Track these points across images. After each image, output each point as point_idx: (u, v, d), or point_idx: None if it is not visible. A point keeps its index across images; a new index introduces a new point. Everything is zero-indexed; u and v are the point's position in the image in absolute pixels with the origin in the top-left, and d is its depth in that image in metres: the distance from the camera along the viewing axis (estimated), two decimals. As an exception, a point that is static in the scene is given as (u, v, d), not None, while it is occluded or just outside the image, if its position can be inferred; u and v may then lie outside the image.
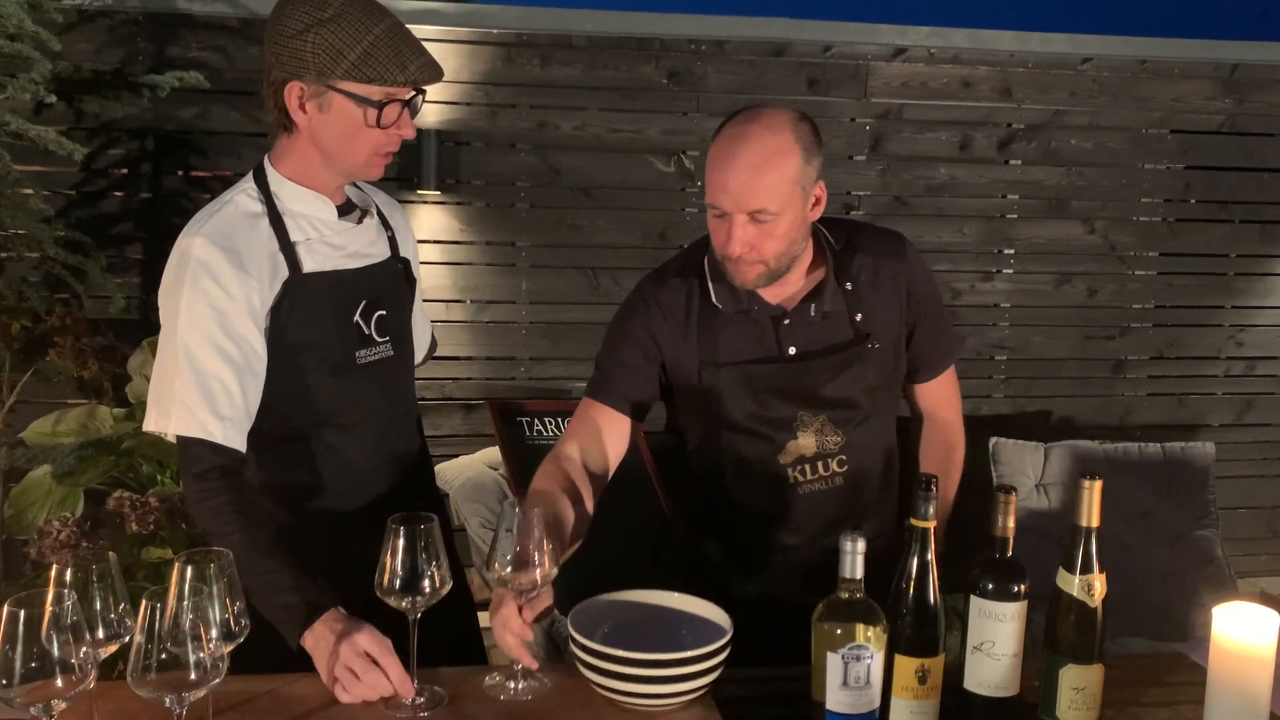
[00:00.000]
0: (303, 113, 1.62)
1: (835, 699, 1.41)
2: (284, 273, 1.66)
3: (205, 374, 1.59)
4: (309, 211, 1.70)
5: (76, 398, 3.28)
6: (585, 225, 3.66)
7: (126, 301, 3.37)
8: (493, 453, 3.40)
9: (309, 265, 1.68)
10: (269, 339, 1.65)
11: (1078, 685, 1.47)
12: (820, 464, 1.83)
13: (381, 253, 1.80)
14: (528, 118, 3.56)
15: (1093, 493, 1.46)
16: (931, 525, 1.45)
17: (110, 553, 1.19)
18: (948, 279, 3.85)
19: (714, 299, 1.80)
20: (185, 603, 1.17)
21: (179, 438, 1.61)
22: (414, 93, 1.65)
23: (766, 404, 1.80)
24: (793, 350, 1.80)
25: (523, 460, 3.32)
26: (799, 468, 1.82)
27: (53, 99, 2.69)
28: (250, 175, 1.72)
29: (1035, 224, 3.93)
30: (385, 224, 1.84)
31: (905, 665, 1.44)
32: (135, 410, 3.06)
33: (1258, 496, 4.20)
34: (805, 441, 1.81)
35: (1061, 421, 4.02)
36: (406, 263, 1.86)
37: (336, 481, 1.75)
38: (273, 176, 1.70)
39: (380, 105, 1.60)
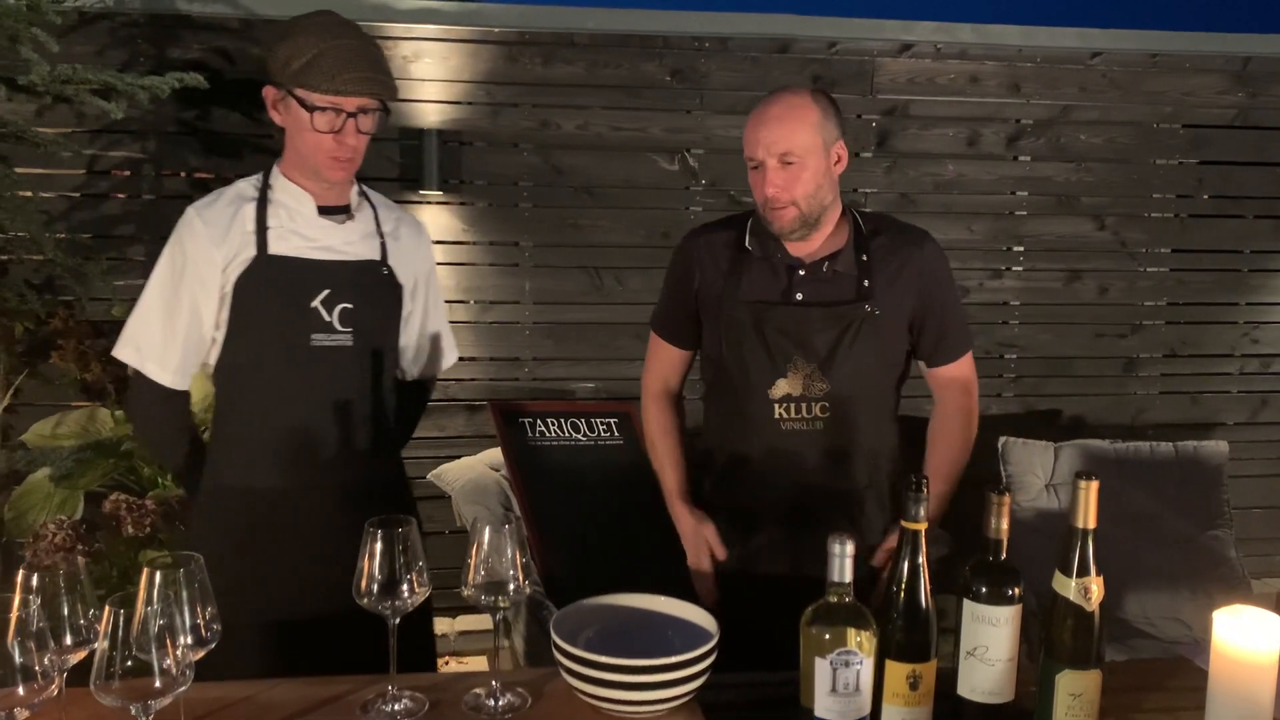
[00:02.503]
0: (276, 113, 1.87)
1: (824, 705, 1.37)
2: (252, 251, 1.86)
3: (157, 317, 1.88)
4: (291, 204, 1.90)
5: (79, 400, 3.28)
6: (588, 225, 3.64)
7: (129, 305, 3.37)
8: (495, 454, 3.38)
9: (275, 248, 1.87)
10: (233, 305, 1.86)
11: (1075, 691, 1.43)
12: (804, 406, 2.00)
13: (361, 253, 1.95)
14: (530, 117, 3.54)
15: (1089, 493, 1.42)
16: (922, 527, 1.41)
17: (80, 558, 1.17)
18: (956, 276, 3.77)
19: (747, 244, 2.05)
20: (153, 608, 1.14)
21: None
22: (361, 108, 1.81)
23: (768, 341, 1.99)
24: (799, 297, 2.01)
25: (525, 462, 3.29)
26: (785, 405, 2.00)
27: (49, 100, 2.67)
28: (266, 169, 1.95)
29: (1045, 221, 3.89)
30: (380, 233, 1.99)
31: (896, 671, 1.41)
32: (137, 413, 3.05)
33: (1272, 496, 4.14)
34: (794, 381, 1.99)
35: (1072, 421, 3.97)
36: (392, 269, 2.00)
37: (284, 456, 1.89)
38: (274, 171, 1.93)
39: (313, 109, 1.80)
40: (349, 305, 1.90)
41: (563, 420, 3.45)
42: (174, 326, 1.87)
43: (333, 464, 1.91)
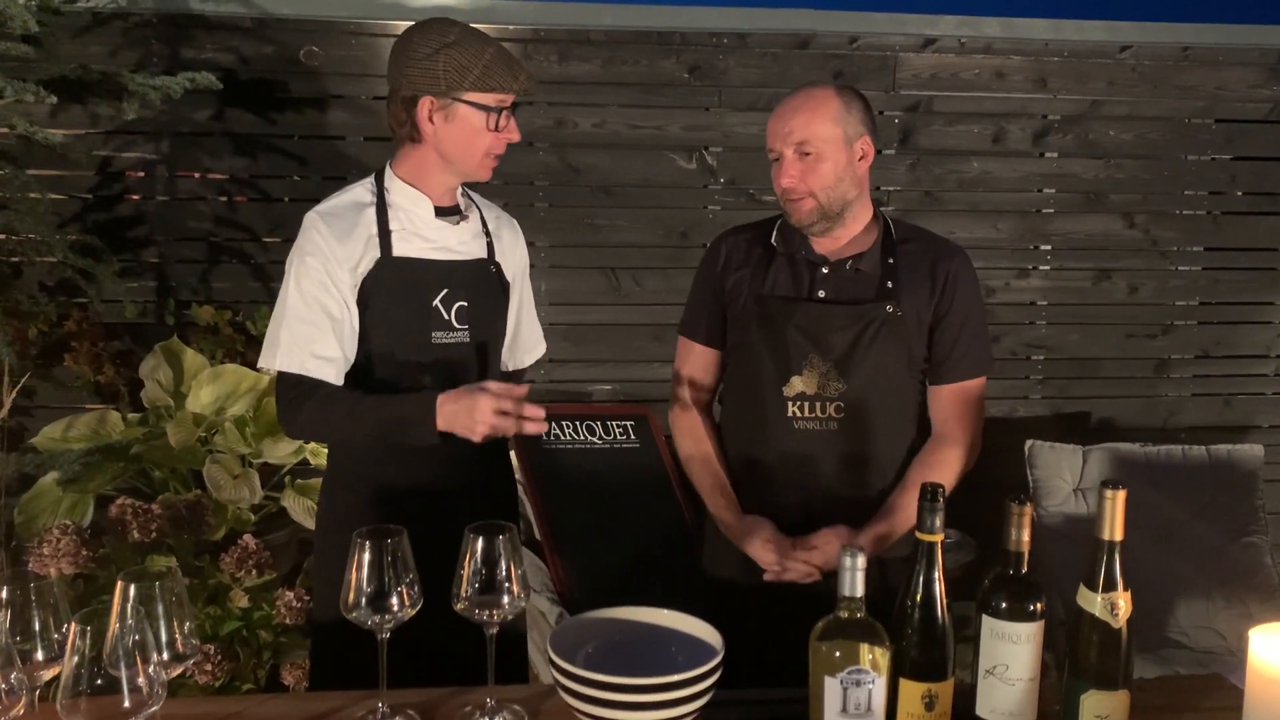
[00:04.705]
0: (430, 123, 1.89)
1: (834, 726, 1.31)
2: (376, 253, 1.92)
3: (305, 321, 1.89)
4: (410, 206, 1.96)
5: (93, 402, 3.26)
6: (605, 224, 3.58)
7: (144, 306, 3.35)
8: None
9: (399, 250, 1.93)
10: (360, 308, 1.92)
11: (1101, 713, 1.36)
12: (819, 405, 1.96)
13: (473, 252, 2.02)
14: (546, 115, 3.49)
15: (1115, 504, 1.36)
16: (938, 539, 1.35)
17: (51, 569, 1.12)
18: (981, 276, 3.64)
19: (773, 240, 2.05)
20: (128, 623, 1.09)
21: (279, 372, 1.90)
22: (513, 105, 1.91)
23: (786, 337, 1.96)
24: (821, 294, 1.99)
25: (539, 465, 3.25)
26: (799, 404, 1.96)
27: (53, 99, 2.64)
28: (374, 174, 2.00)
29: (1073, 218, 3.79)
30: (487, 231, 2.06)
31: (911, 690, 1.35)
32: (149, 415, 3.02)
33: (1309, 501, 4.02)
34: (809, 379, 1.96)
35: (1101, 423, 3.87)
36: (499, 266, 2.07)
37: (407, 454, 1.92)
38: (388, 176, 1.98)
39: (497, 111, 1.87)
40: (464, 303, 1.98)
41: (578, 422, 3.40)
42: (325, 324, 1.89)
43: (453, 461, 1.95)
